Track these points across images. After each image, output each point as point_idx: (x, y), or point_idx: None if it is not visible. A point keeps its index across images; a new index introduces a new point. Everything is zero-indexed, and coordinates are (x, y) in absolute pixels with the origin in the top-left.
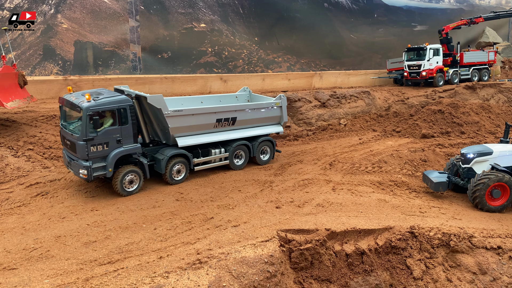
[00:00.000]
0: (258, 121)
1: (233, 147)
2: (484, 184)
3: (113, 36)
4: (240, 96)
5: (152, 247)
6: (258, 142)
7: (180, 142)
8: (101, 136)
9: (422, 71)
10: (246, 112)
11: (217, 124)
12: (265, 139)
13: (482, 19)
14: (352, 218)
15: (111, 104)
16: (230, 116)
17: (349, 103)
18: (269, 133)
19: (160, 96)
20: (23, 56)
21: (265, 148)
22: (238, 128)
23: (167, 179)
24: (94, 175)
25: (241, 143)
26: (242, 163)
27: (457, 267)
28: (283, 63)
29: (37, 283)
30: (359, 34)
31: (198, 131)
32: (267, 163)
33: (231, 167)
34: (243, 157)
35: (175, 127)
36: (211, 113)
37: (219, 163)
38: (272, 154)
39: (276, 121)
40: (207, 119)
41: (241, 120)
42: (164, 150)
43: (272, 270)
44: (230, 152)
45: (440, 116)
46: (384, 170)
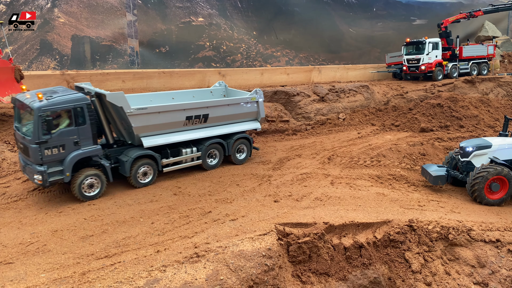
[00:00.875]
0: (233, 118)
1: (205, 146)
2: (483, 178)
3: (110, 31)
4: (215, 91)
5: (150, 241)
6: (234, 140)
7: (145, 142)
8: (56, 138)
9: (421, 65)
10: (219, 108)
11: (187, 122)
12: (241, 136)
13: (481, 12)
14: (351, 211)
15: (66, 103)
16: (201, 113)
17: (348, 98)
18: (246, 130)
19: (121, 94)
20: (19, 50)
21: (241, 146)
22: (211, 126)
23: (132, 182)
24: (50, 180)
25: (215, 142)
26: (216, 162)
27: (456, 260)
28: (282, 58)
29: (34, 277)
30: (358, 28)
31: (166, 130)
32: (244, 162)
33: (204, 167)
34: (217, 157)
35: (140, 127)
36: (179, 110)
37: (191, 163)
38: (249, 152)
39: (252, 117)
40: (175, 117)
41: (214, 117)
42: (129, 151)
43: (270, 263)
44: (203, 152)
45: (439, 110)
46: (383, 164)
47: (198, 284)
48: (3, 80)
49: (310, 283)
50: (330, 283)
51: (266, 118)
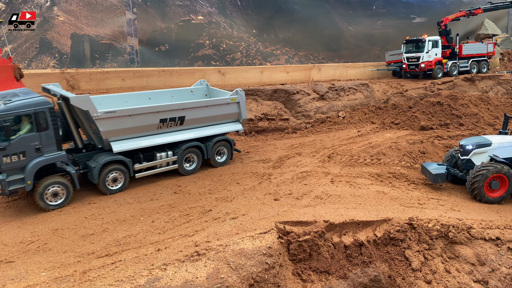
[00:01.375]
0: (212, 119)
1: (182, 149)
2: (483, 176)
3: (110, 29)
4: (196, 90)
5: (150, 240)
6: (213, 143)
7: (115, 147)
8: (16, 145)
9: (421, 63)
10: (196, 110)
11: (161, 125)
12: (221, 139)
13: (481, 10)
14: (351, 210)
15: (26, 108)
16: (176, 115)
17: (348, 96)
18: (226, 132)
19: (86, 97)
20: (19, 49)
21: (222, 149)
22: (187, 128)
23: (100, 189)
24: (10, 189)
25: (192, 145)
26: (194, 167)
27: (456, 258)
28: (282, 56)
29: (35, 276)
30: (357, 26)
31: (139, 134)
32: (224, 165)
33: (181, 172)
34: (195, 161)
35: (108, 131)
36: (152, 113)
37: (167, 168)
38: (230, 155)
39: (234, 118)
40: (148, 120)
41: (190, 119)
42: (98, 156)
43: (270, 261)
44: (179, 156)
45: (439, 108)
46: (383, 162)
47: (199, 283)
48: (2, 78)
49: (310, 281)
50: (330, 281)
51: (266, 117)
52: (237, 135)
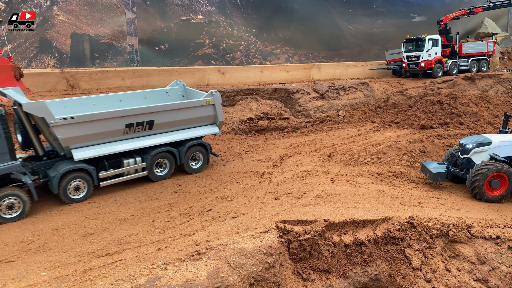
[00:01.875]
0: (185, 123)
1: (151, 155)
2: (483, 175)
3: (109, 28)
4: (172, 91)
5: (150, 239)
6: (187, 148)
7: (76, 155)
8: None
9: (421, 62)
10: (166, 113)
11: (127, 130)
12: (196, 143)
13: (481, 9)
14: (351, 209)
15: None
16: (144, 119)
17: (348, 95)
18: (201, 136)
19: (41, 103)
20: (19, 48)
21: (196, 154)
22: (157, 133)
23: (62, 198)
24: None
25: (163, 150)
26: (165, 173)
27: (456, 257)
28: (282, 55)
29: (35, 275)
30: (357, 25)
31: (103, 140)
32: (200, 171)
33: (152, 178)
34: (167, 166)
35: (68, 138)
36: (117, 117)
37: (136, 175)
38: (206, 160)
39: (209, 121)
40: (112, 125)
41: (160, 123)
42: (58, 164)
43: (270, 261)
44: (149, 162)
45: (439, 107)
46: (383, 161)
47: (199, 282)
48: (2, 78)
49: (310, 280)
50: (330, 280)
51: (266, 116)
52: (237, 135)
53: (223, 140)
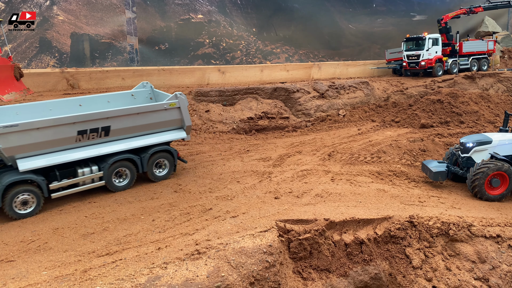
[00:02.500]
0: (147, 128)
1: (109, 163)
2: (483, 173)
3: (109, 28)
4: (139, 93)
5: (151, 238)
6: (149, 154)
7: (21, 165)
8: None
9: (421, 61)
10: (124, 118)
11: (80, 138)
12: (160, 149)
13: (481, 8)
14: (351, 208)
15: None
16: (99, 125)
17: (348, 94)
18: (167, 141)
19: None
20: (19, 48)
21: (161, 160)
22: (115, 139)
23: (8, 214)
24: None
25: (122, 158)
26: (126, 183)
27: (456, 256)
28: (282, 54)
29: (35, 275)
30: (357, 24)
31: (52, 148)
32: (166, 179)
33: (110, 188)
34: (128, 175)
35: (11, 147)
36: (67, 124)
37: (92, 185)
38: (173, 166)
39: (176, 125)
40: (62, 133)
41: (117, 129)
42: (3, 176)
43: (271, 260)
44: (106, 171)
45: (439, 106)
46: (383, 160)
47: (199, 281)
48: (2, 78)
49: (311, 280)
50: (331, 279)
51: (266, 115)
52: (237, 134)
53: (223, 139)
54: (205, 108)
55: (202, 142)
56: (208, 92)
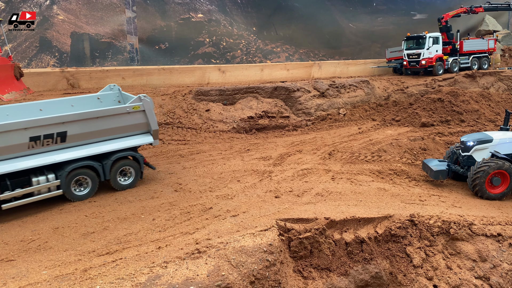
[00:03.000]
0: (109, 133)
1: (66, 171)
2: (484, 172)
3: (109, 27)
4: (105, 96)
5: (151, 238)
6: (112, 161)
7: None
8: None
9: (422, 60)
10: (82, 123)
11: (33, 144)
12: (124, 155)
13: (482, 9)
14: (352, 207)
15: None
16: (54, 131)
17: (348, 93)
18: (132, 147)
19: None
20: (19, 48)
21: (126, 168)
22: (74, 146)
23: None
24: None
25: (82, 165)
26: (87, 192)
27: (457, 254)
28: (282, 53)
29: (35, 274)
30: (358, 23)
31: (2, 156)
32: (132, 187)
33: (69, 198)
34: (89, 184)
35: None
36: (18, 130)
37: (49, 194)
38: (139, 174)
39: (142, 129)
40: (11, 139)
41: (75, 134)
42: None
43: (271, 259)
44: (63, 179)
45: (440, 104)
46: (384, 159)
47: (200, 280)
48: (2, 77)
49: (311, 278)
50: (331, 278)
51: (267, 114)
52: (237, 133)
53: (224, 138)
54: (206, 107)
55: (202, 142)
56: (209, 91)
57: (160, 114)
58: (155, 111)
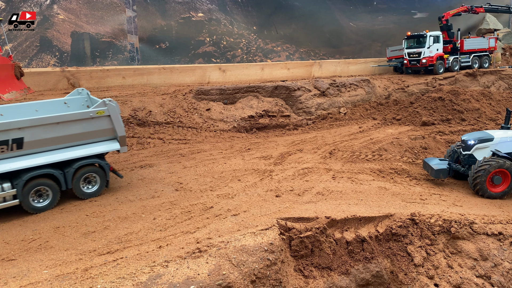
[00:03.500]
0: (72, 139)
1: (24, 180)
2: (485, 171)
3: (110, 27)
4: (73, 101)
5: (152, 237)
6: (74, 169)
7: None
8: None
9: (422, 59)
10: (40, 129)
11: None
12: (88, 163)
13: (483, 9)
14: (353, 206)
15: None
16: (8, 137)
17: (349, 92)
18: (96, 154)
19: None
20: (19, 47)
21: (91, 175)
22: (32, 153)
23: None
24: None
25: (40, 173)
26: (47, 203)
27: (458, 253)
28: (282, 52)
29: (36, 274)
30: (358, 22)
31: None
32: (96, 195)
33: (26, 209)
34: (49, 194)
35: None
36: None
37: (5, 205)
38: (105, 182)
39: (107, 135)
40: None
41: (33, 141)
42: None
43: (272, 258)
44: (20, 188)
45: (441, 103)
46: (384, 158)
47: (201, 279)
48: (3, 77)
49: (312, 277)
50: (332, 277)
51: (267, 113)
52: (238, 132)
53: (224, 138)
54: (206, 106)
55: (203, 141)
56: (209, 90)
57: (161, 113)
58: (155, 110)
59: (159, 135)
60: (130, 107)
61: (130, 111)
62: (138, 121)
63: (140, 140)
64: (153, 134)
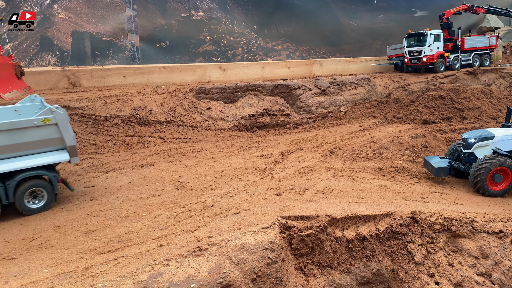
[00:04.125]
0: (13, 149)
1: None
2: (486, 169)
3: (110, 26)
4: (25, 108)
5: (152, 236)
6: (16, 182)
7: None
8: None
9: (423, 57)
10: None
11: None
12: (32, 175)
13: (483, 10)
14: (353, 204)
15: None
16: None
17: (350, 90)
18: (42, 165)
19: None
20: (20, 47)
21: (37, 189)
22: None
23: None
24: None
25: None
26: None
27: (459, 251)
28: (283, 51)
29: (37, 272)
30: (359, 20)
31: None
32: (45, 210)
33: None
34: None
35: None
36: None
37: None
38: (53, 196)
39: (56, 145)
40: None
41: None
42: None
43: (272, 256)
44: None
45: (441, 101)
46: (385, 156)
47: (201, 278)
48: (3, 76)
49: (313, 276)
50: (333, 276)
51: (268, 112)
52: (238, 131)
53: (225, 136)
54: (206, 105)
55: (203, 140)
56: (209, 89)
57: (161, 112)
58: (156, 109)
59: (159, 134)
60: (130, 106)
61: (130, 110)
62: (138, 120)
63: (140, 139)
64: (153, 133)
